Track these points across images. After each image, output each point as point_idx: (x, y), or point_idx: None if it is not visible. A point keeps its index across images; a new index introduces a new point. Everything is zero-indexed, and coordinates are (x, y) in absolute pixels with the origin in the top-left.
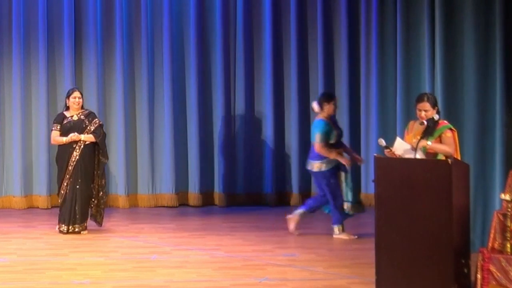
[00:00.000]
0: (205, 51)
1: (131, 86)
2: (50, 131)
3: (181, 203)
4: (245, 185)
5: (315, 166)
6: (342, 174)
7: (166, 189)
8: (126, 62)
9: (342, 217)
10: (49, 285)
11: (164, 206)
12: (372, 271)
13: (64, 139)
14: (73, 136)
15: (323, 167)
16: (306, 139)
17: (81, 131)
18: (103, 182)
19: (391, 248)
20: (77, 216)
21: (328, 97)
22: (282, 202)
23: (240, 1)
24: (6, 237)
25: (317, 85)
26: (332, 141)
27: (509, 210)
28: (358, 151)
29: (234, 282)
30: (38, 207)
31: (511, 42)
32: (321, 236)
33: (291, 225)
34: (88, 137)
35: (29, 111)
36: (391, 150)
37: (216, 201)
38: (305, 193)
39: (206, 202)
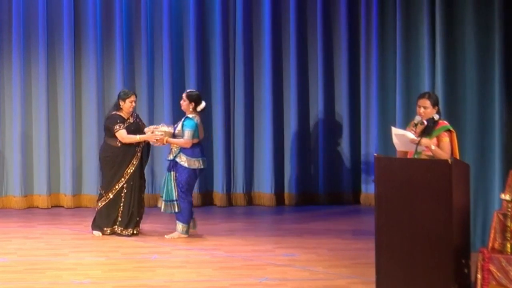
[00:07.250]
0: (205, 50)
1: (131, 86)
2: (47, 131)
3: None
4: (244, 185)
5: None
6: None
7: None
8: (126, 62)
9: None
10: (49, 285)
11: None
12: (372, 271)
13: (138, 137)
14: (147, 136)
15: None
16: (306, 139)
17: (141, 133)
18: (144, 183)
19: (391, 248)
20: (137, 219)
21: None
22: (281, 202)
23: (240, 1)
24: (6, 237)
25: (317, 85)
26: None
27: (509, 210)
28: (358, 150)
29: (234, 282)
30: (38, 207)
31: (511, 41)
32: (321, 236)
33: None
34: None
35: (29, 111)
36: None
37: (216, 201)
38: (304, 193)
39: (207, 202)
